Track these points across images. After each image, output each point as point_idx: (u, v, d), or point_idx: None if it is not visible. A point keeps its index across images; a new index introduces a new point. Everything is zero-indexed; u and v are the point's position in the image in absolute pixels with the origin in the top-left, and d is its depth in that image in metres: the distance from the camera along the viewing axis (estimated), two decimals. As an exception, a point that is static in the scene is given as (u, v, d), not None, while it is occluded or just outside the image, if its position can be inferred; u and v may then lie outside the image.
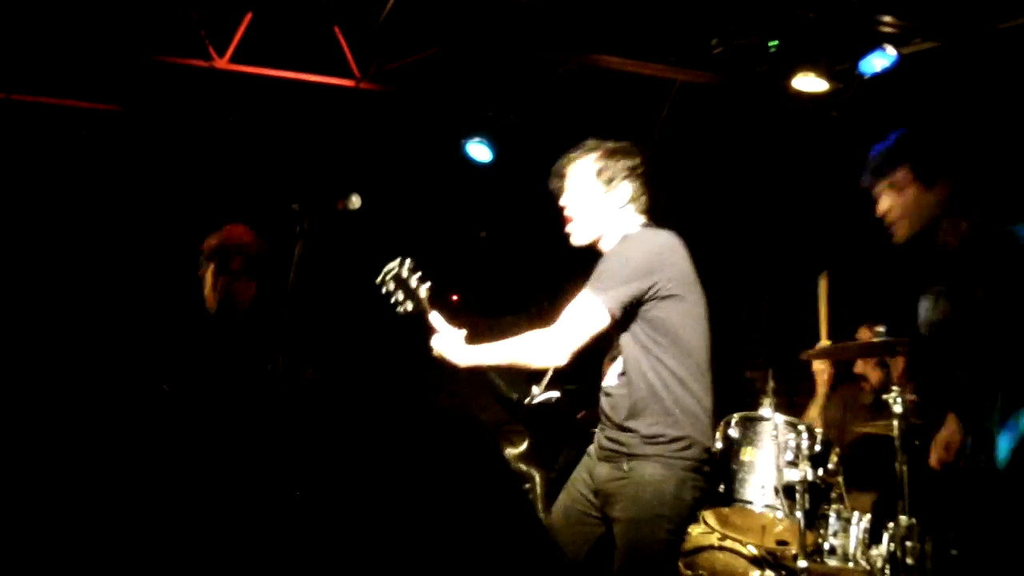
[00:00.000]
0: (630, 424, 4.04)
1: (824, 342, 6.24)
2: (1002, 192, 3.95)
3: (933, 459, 4.39)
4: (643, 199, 4.34)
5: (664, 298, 4.05)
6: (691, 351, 4.08)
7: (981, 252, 3.82)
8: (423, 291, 4.21)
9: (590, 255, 4.45)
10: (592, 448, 4.25)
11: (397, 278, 4.28)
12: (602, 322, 3.98)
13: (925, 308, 3.98)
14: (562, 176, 4.36)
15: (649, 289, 4.03)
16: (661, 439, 3.99)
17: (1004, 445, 3.69)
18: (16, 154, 7.52)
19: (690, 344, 4.09)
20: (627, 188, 4.30)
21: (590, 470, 4.20)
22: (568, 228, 4.33)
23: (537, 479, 6.21)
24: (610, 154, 4.34)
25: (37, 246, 7.57)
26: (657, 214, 4.40)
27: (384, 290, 4.11)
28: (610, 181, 4.29)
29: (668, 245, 4.18)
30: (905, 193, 4.04)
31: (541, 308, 8.50)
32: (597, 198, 4.30)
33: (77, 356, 7.09)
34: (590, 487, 4.17)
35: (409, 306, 4.20)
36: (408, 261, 4.20)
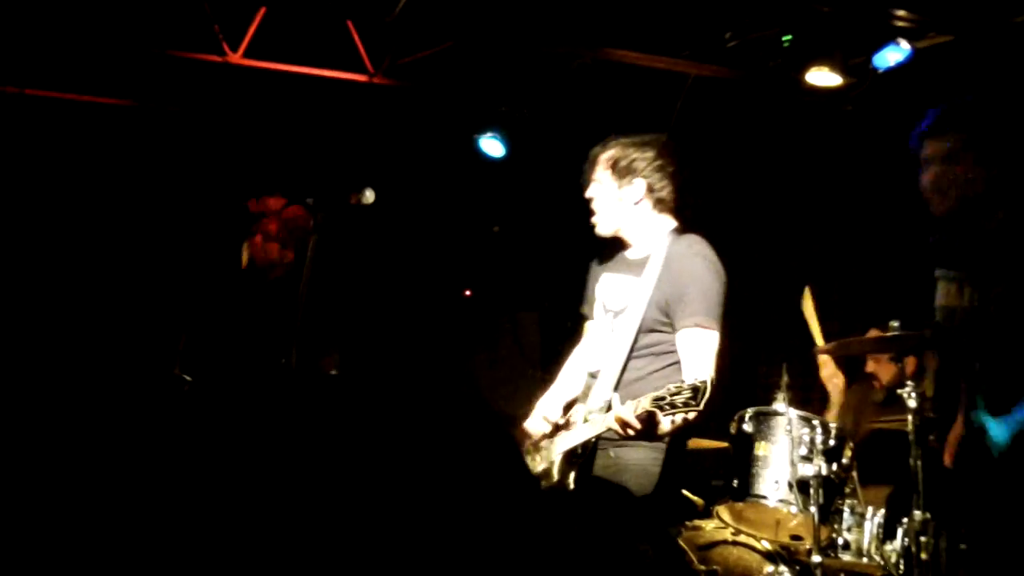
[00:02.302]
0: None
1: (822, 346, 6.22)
2: None
3: (947, 458, 4.31)
4: (664, 194, 4.39)
5: None
6: None
7: (1013, 245, 3.68)
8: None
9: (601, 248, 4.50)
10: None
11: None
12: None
13: (944, 293, 3.85)
14: (589, 167, 4.41)
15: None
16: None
17: (1000, 432, 3.62)
18: (31, 149, 7.54)
19: None
20: (640, 184, 4.36)
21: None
22: (592, 219, 4.43)
23: None
24: (625, 148, 4.38)
25: (52, 240, 7.58)
26: (686, 213, 4.46)
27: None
28: (624, 175, 4.35)
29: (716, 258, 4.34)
30: (955, 164, 3.85)
31: (554, 303, 8.50)
32: (613, 192, 4.38)
33: (92, 349, 7.11)
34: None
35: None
36: None
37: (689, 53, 7.32)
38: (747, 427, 5.05)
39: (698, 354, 4.12)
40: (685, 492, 5.85)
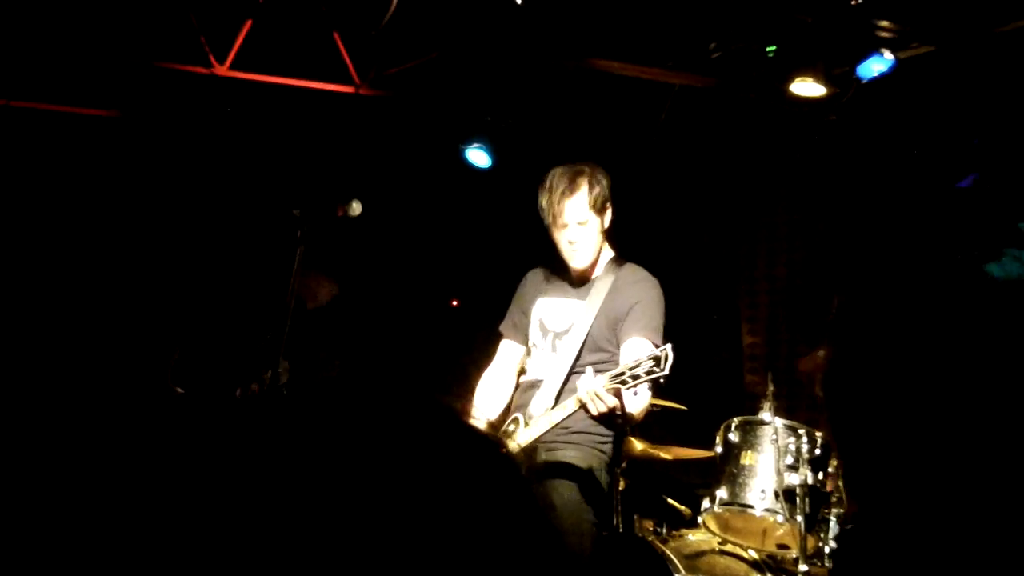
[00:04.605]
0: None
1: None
2: None
3: None
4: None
5: None
6: None
7: None
8: None
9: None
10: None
11: None
12: None
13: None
14: (571, 208, 4.49)
15: None
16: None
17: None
18: (16, 160, 7.53)
19: None
20: (609, 212, 4.61)
21: None
22: (573, 253, 4.57)
23: None
24: (598, 181, 4.54)
25: (40, 252, 7.57)
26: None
27: None
28: (603, 209, 4.59)
29: None
30: None
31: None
32: (597, 227, 4.58)
33: (84, 361, 7.10)
34: None
35: None
36: None
37: (674, 63, 7.34)
38: (733, 437, 5.07)
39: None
40: (671, 501, 5.88)
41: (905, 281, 3.46)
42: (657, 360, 3.92)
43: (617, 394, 4.04)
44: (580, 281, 4.63)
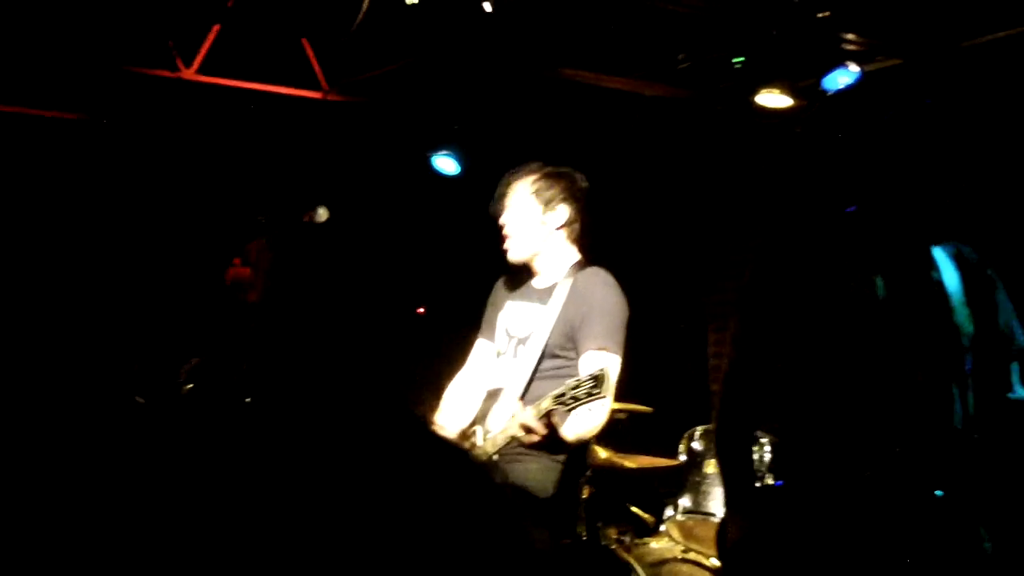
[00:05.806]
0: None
1: None
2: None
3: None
4: (577, 225, 4.52)
5: None
6: None
7: None
8: None
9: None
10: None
11: None
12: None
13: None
14: (506, 193, 4.46)
15: None
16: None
17: None
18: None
19: None
20: (564, 210, 4.46)
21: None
22: (506, 244, 4.50)
23: None
24: (549, 176, 4.44)
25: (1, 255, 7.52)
26: (586, 241, 4.59)
27: None
28: (549, 202, 4.44)
29: None
30: None
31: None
32: (535, 217, 4.45)
33: (47, 369, 7.05)
34: None
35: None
36: None
37: (642, 73, 7.38)
38: (696, 445, 5.10)
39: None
40: (635, 509, 5.90)
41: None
42: (597, 380, 3.79)
43: (548, 423, 3.94)
44: (542, 286, 4.52)
